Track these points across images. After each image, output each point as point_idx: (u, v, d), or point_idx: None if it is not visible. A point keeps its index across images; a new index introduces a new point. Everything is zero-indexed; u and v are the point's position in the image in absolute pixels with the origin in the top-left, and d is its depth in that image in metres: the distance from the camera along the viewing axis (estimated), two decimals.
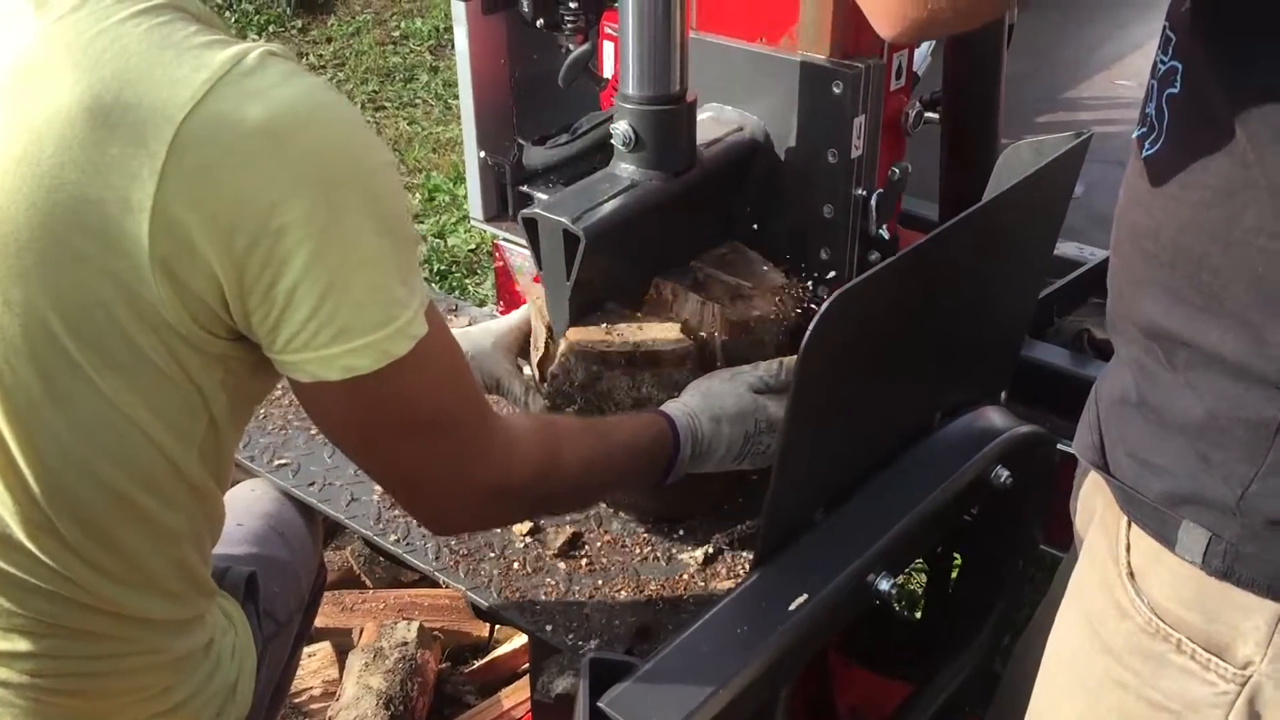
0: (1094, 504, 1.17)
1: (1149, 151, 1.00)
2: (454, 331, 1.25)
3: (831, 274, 1.65)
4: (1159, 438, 1.01)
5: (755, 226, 1.68)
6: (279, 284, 1.02)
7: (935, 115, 1.84)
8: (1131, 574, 1.05)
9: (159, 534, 1.19)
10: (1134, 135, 1.04)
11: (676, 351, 1.54)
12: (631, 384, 1.54)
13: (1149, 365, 1.02)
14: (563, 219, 1.45)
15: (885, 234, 1.61)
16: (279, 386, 2.01)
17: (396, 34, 5.67)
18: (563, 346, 1.56)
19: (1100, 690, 1.09)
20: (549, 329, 1.61)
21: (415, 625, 2.18)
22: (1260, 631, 0.97)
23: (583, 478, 1.37)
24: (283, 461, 1.85)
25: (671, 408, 1.47)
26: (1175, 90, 0.96)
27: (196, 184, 0.98)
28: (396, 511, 1.76)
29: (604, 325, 1.58)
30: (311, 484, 1.81)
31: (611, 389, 1.54)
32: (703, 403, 1.45)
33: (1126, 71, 3.08)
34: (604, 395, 1.55)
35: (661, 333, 1.56)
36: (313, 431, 1.91)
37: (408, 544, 1.72)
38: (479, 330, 1.74)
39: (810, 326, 1.06)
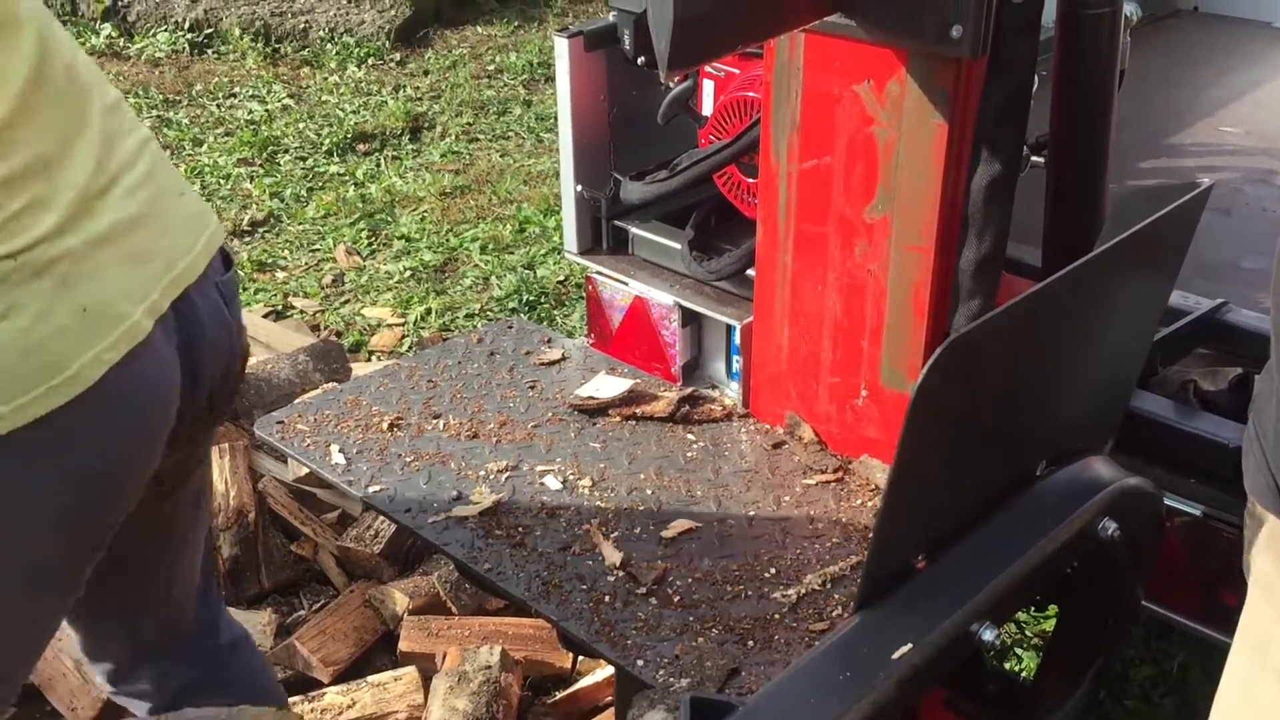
0: (1274, 554, 1.10)
1: None
2: None
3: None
4: None
5: None
6: None
7: (1041, 159, 1.82)
8: None
9: None
10: None
11: None
12: None
13: None
14: None
15: None
16: (383, 419, 2.04)
17: (491, 68, 5.76)
18: None
19: None
20: None
21: (498, 649, 2.19)
22: None
23: None
24: (379, 487, 1.88)
25: None
26: None
27: None
28: (490, 539, 1.77)
29: None
30: (407, 510, 1.83)
31: None
32: None
33: (1230, 118, 3.02)
34: None
35: None
36: (408, 459, 1.94)
37: (499, 572, 1.73)
38: None
39: (922, 373, 1.05)
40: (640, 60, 2.13)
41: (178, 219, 1.33)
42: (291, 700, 2.16)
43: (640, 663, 1.55)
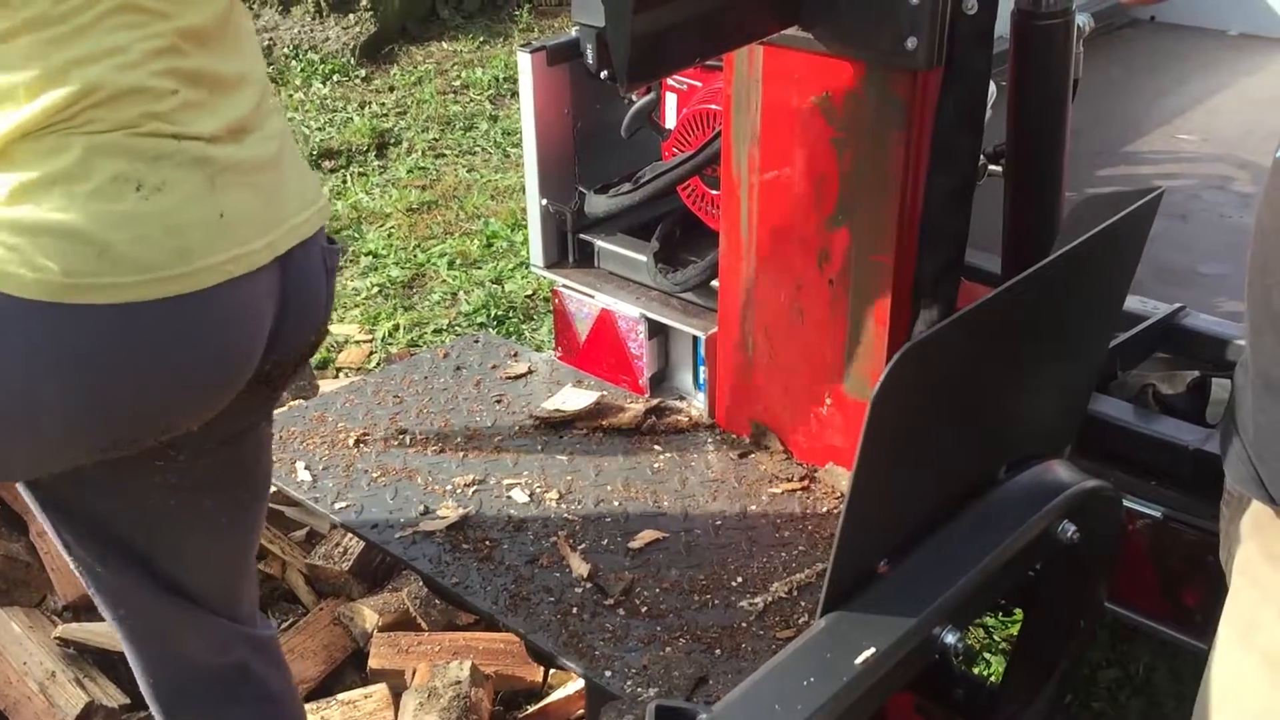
0: (1259, 539, 1.10)
1: None
2: None
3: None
4: None
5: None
6: None
7: (999, 168, 1.85)
8: None
9: None
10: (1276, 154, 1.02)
11: None
12: None
13: None
14: None
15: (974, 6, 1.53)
16: (349, 435, 2.03)
17: (457, 83, 5.76)
18: None
19: None
20: None
21: (468, 664, 2.18)
22: None
23: None
24: (346, 504, 1.87)
25: None
26: None
27: None
28: (458, 554, 1.77)
29: None
30: (374, 526, 1.83)
31: None
32: None
33: (1187, 126, 3.06)
34: None
35: None
36: (375, 475, 1.94)
37: (466, 586, 1.73)
38: None
39: (881, 379, 1.06)
40: (603, 74, 2.14)
41: (299, 181, 1.37)
42: None
43: (608, 673, 1.55)
